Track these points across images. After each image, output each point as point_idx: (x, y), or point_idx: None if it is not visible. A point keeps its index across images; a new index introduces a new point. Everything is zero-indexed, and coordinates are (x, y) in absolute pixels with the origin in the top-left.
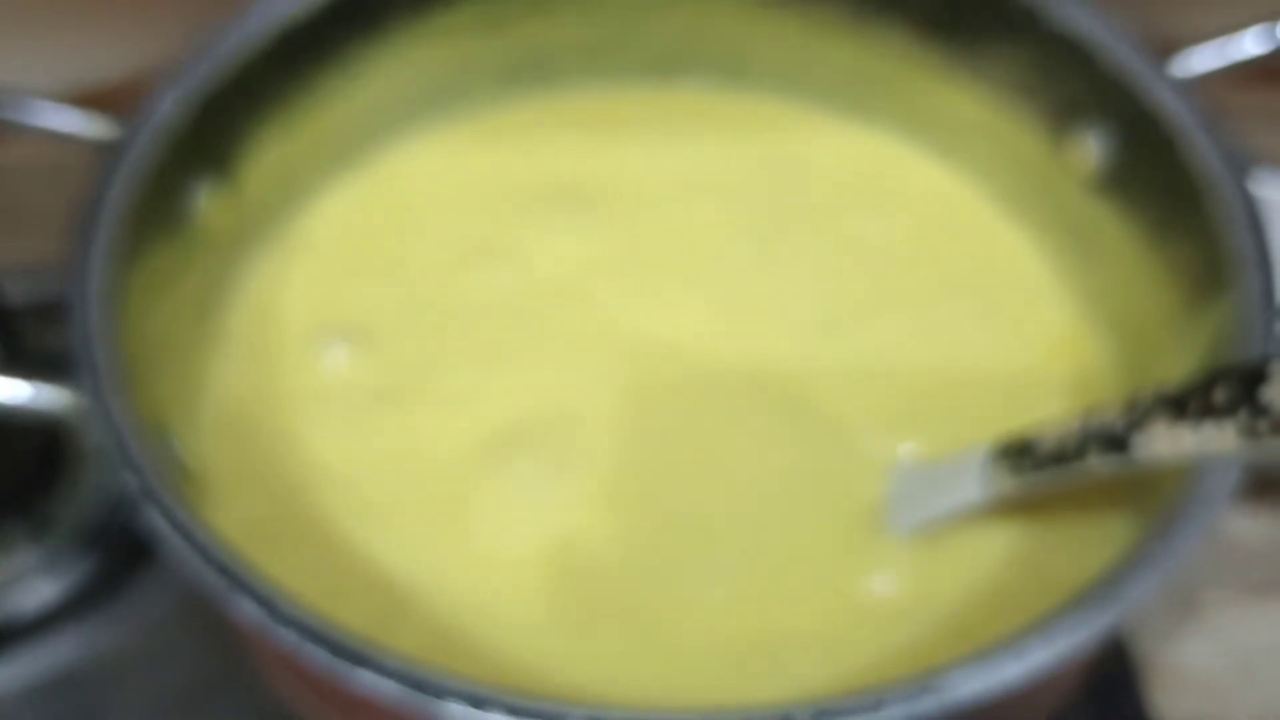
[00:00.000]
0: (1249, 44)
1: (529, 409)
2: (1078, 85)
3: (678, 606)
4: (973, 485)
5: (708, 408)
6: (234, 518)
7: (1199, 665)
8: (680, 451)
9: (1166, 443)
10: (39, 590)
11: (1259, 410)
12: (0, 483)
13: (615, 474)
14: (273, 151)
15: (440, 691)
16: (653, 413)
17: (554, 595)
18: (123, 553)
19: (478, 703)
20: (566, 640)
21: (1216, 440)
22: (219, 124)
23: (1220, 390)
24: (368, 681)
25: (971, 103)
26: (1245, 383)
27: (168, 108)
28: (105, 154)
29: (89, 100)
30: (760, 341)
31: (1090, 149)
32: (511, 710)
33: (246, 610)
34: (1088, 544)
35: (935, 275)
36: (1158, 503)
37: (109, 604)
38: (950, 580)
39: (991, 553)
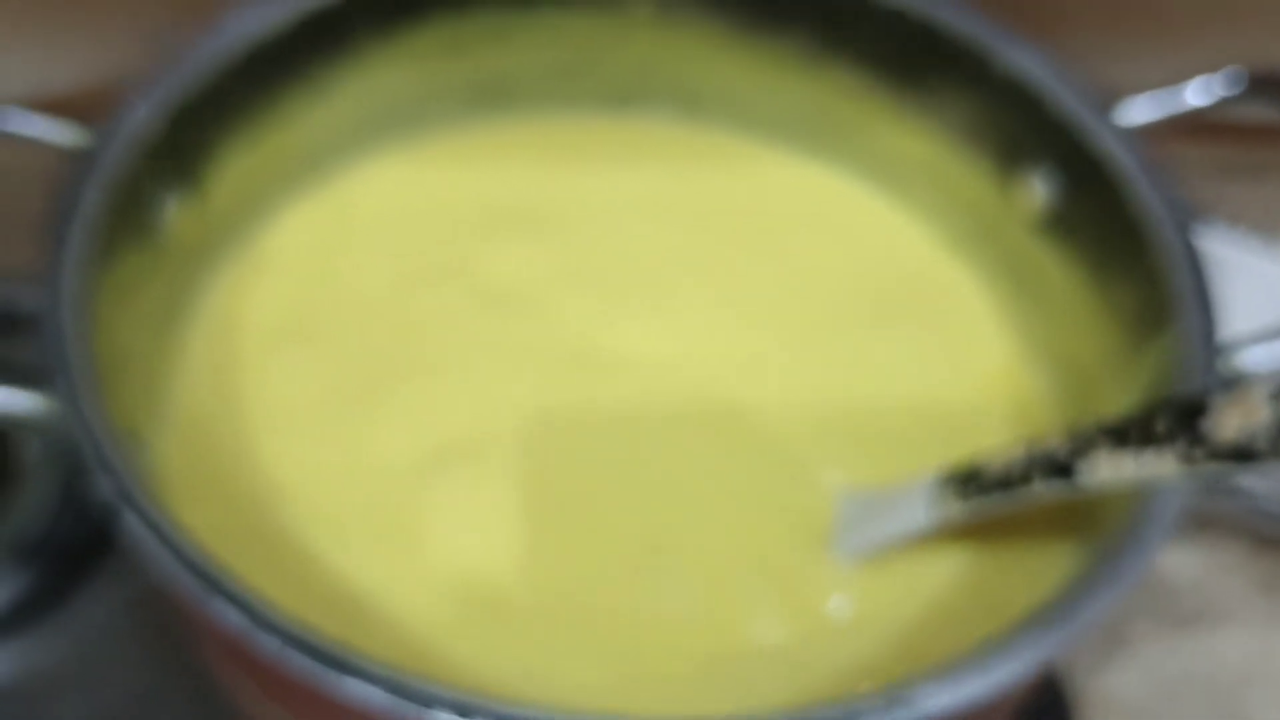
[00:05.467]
0: (1189, 96)
1: (480, 422)
2: (1025, 129)
3: (637, 623)
4: (920, 510)
5: (659, 428)
6: (195, 524)
7: (1127, 695)
8: (630, 468)
9: (1109, 469)
10: None
11: (1197, 439)
12: None
13: (565, 488)
14: (239, 164)
15: (428, 700)
16: (603, 429)
17: (507, 609)
18: (61, 567)
19: (464, 712)
20: (528, 656)
21: (1156, 466)
22: (189, 135)
23: (1161, 420)
24: (354, 689)
25: (921, 142)
26: (1185, 414)
27: (140, 117)
28: (77, 161)
29: (50, 108)
30: (709, 366)
31: (1035, 191)
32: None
33: (228, 616)
34: (1034, 568)
35: (880, 308)
36: (1100, 531)
37: (47, 618)
38: (902, 601)
39: (942, 575)
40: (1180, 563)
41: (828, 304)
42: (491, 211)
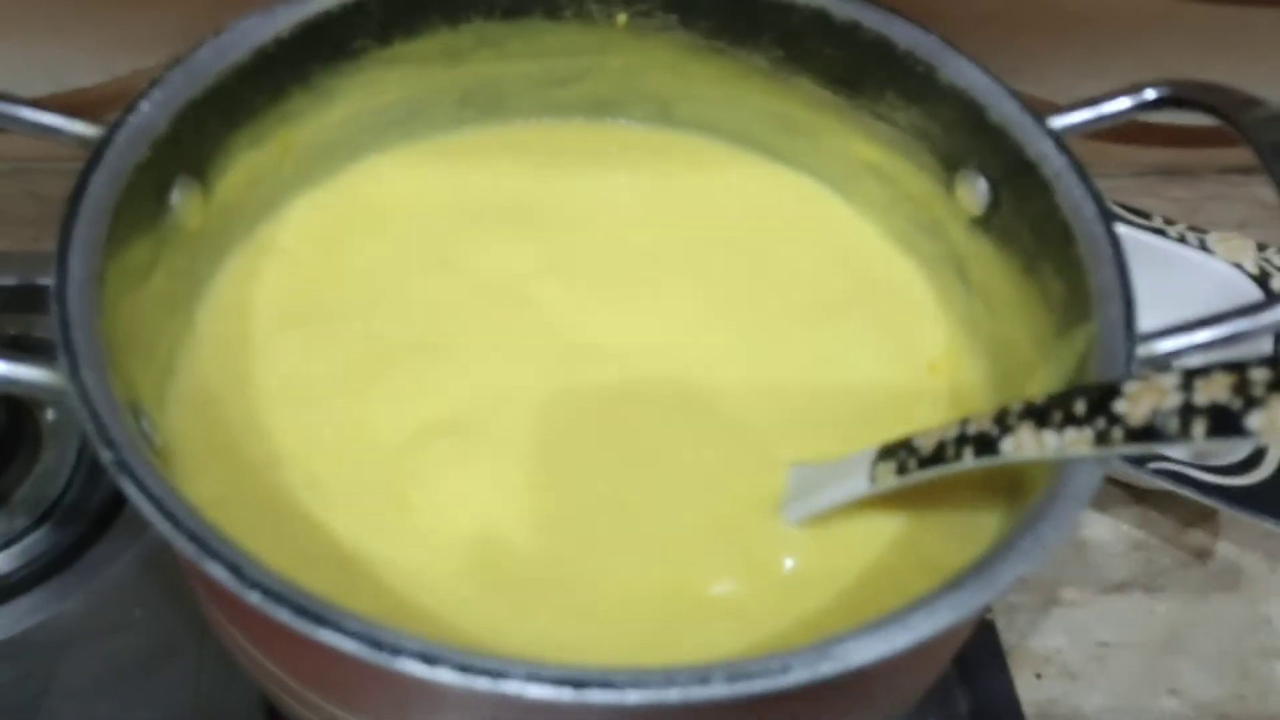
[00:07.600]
0: (1116, 105)
1: (468, 400)
2: (967, 135)
3: (607, 580)
4: (861, 481)
5: (629, 406)
6: (199, 493)
7: (1059, 654)
8: (604, 443)
9: (1032, 445)
10: None
11: (1112, 419)
12: None
13: (545, 461)
14: (246, 159)
15: (396, 649)
16: (580, 408)
17: (488, 569)
18: (77, 526)
19: (430, 660)
20: (503, 611)
21: (1075, 444)
22: (195, 131)
23: (1080, 402)
24: (328, 639)
25: (873, 146)
26: (1102, 396)
27: (147, 113)
28: (90, 152)
29: (62, 106)
30: (679, 354)
31: (976, 191)
32: (460, 668)
33: (217, 573)
34: (965, 532)
35: (834, 301)
36: (1027, 495)
37: (64, 574)
38: (845, 561)
39: (881, 538)
40: (1111, 533)
41: (787, 297)
42: (483, 208)
